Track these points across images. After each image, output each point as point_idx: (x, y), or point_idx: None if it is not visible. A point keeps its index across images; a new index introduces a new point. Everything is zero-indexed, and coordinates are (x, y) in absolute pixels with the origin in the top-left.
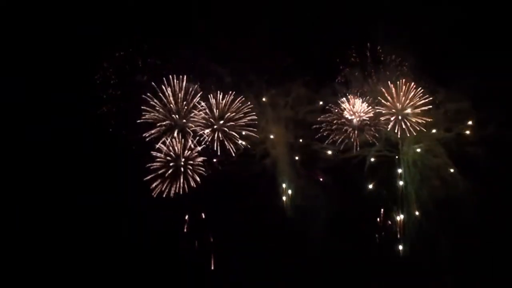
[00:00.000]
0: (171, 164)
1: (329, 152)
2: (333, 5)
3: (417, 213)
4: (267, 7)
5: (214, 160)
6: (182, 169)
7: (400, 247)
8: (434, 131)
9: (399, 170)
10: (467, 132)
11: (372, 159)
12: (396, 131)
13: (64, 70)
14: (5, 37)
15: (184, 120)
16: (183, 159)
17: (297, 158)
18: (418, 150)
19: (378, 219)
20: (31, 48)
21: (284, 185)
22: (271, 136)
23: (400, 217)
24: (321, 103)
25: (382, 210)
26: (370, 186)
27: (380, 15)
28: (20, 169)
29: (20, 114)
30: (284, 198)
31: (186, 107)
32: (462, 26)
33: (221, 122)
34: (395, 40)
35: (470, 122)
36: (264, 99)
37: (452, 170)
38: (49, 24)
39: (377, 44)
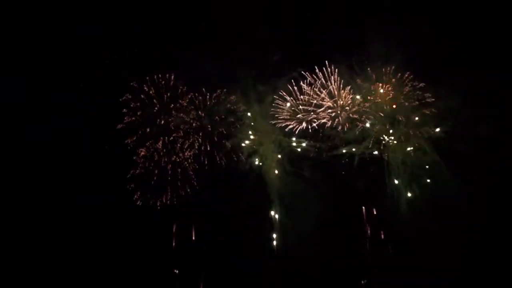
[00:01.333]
0: (156, 171)
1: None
2: (331, 4)
3: (407, 209)
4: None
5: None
6: (169, 177)
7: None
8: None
9: (388, 168)
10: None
11: (360, 157)
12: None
13: (64, 70)
14: (5, 37)
15: (172, 127)
16: (169, 166)
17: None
18: (407, 148)
19: (366, 217)
20: (31, 48)
21: (273, 184)
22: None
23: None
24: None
25: (374, 209)
26: (360, 184)
27: (379, 15)
28: (20, 169)
29: (20, 114)
30: (273, 197)
31: (173, 111)
32: (461, 26)
33: (209, 128)
34: (392, 39)
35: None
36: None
37: (442, 168)
38: (49, 24)
39: (373, 44)
